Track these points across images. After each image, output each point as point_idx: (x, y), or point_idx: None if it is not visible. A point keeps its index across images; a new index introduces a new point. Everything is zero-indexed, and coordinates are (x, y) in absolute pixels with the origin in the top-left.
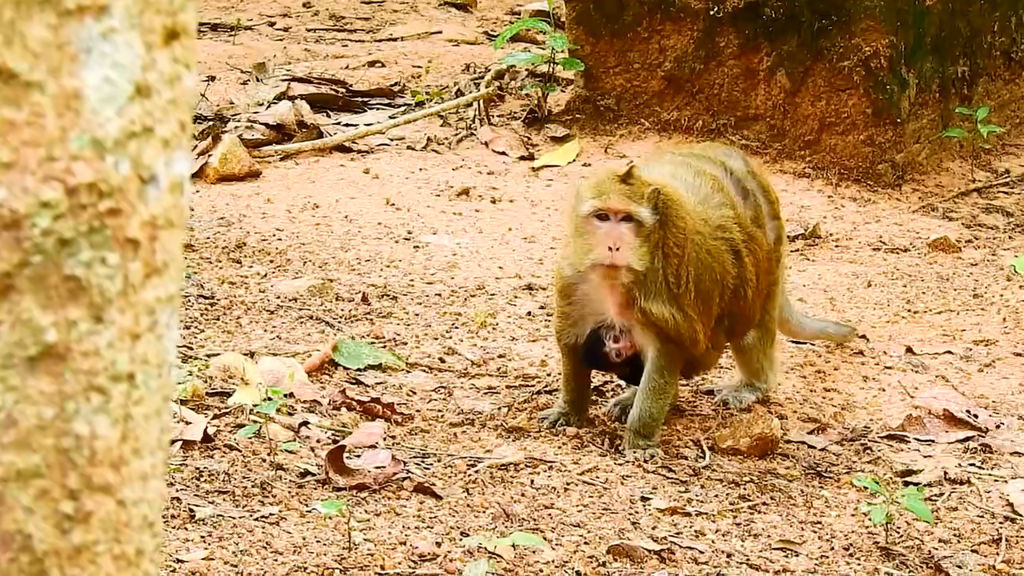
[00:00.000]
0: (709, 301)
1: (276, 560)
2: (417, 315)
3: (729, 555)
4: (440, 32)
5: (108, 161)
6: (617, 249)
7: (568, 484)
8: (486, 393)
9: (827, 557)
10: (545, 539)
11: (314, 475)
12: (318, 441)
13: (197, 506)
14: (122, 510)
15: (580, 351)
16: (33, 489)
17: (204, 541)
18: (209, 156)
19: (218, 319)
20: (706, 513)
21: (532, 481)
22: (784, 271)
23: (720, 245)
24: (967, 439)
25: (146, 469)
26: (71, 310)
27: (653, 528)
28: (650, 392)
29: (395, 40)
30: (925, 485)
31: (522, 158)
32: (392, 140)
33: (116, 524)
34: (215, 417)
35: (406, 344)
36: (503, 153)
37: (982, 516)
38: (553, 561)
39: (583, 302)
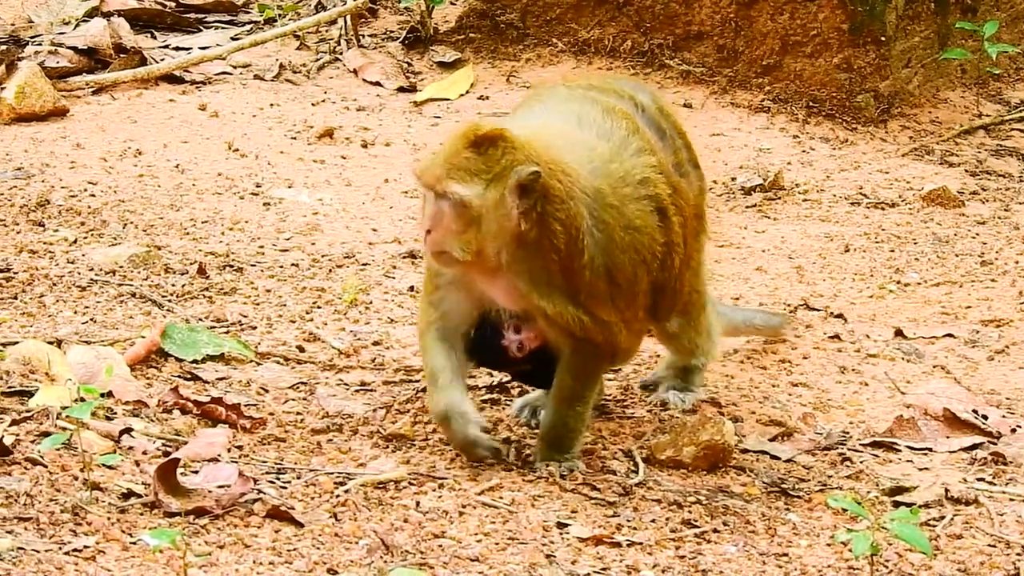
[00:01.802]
0: (634, 289)
1: None
2: (269, 291)
3: None
4: None
5: None
6: (428, 232)
7: (464, 507)
8: (358, 391)
9: None
10: None
11: (140, 496)
12: (144, 453)
13: None
14: None
15: (468, 345)
16: None
17: None
18: (2, 89)
19: (15, 298)
20: (640, 543)
21: (418, 503)
22: (706, 236)
23: (644, 207)
24: (974, 447)
25: None
26: None
27: (573, 563)
28: (566, 397)
29: None
30: (921, 506)
31: (401, 89)
32: (235, 68)
33: None
34: (13, 423)
35: (255, 329)
36: (377, 83)
37: (993, 546)
38: None
39: (462, 284)
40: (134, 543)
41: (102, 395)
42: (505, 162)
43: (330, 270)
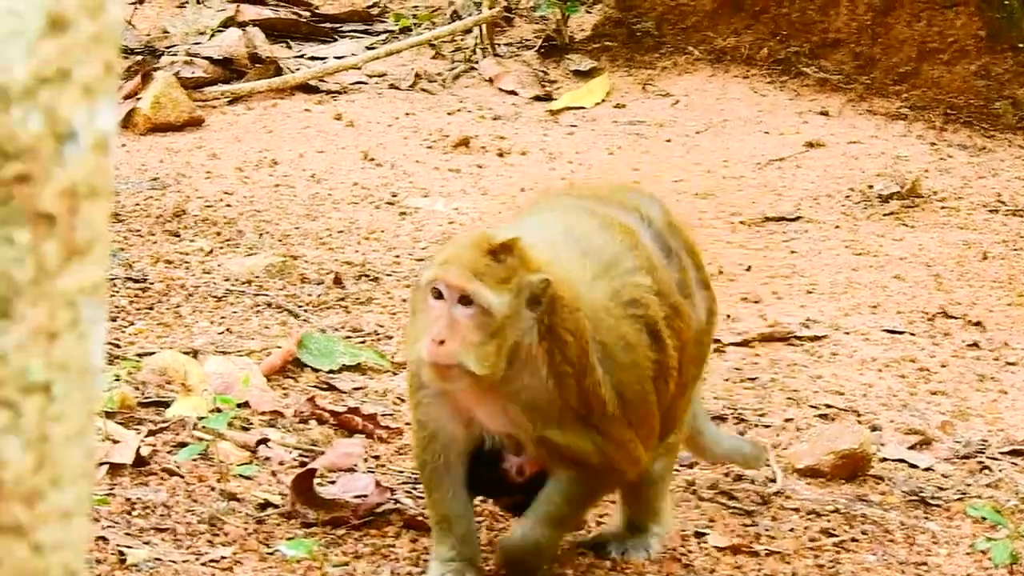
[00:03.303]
0: (646, 401)
1: None
2: (405, 301)
3: None
4: None
5: (14, 114)
6: (441, 342)
7: (600, 514)
8: None
9: None
10: None
11: (276, 507)
12: (281, 463)
13: (129, 547)
14: (37, 557)
15: (463, 472)
16: None
17: None
18: (138, 100)
19: (152, 308)
20: (778, 552)
21: None
22: (706, 364)
23: (635, 327)
24: None
25: (68, 504)
26: None
27: (711, 572)
28: (546, 517)
29: None
30: None
31: (537, 98)
32: (370, 77)
33: (30, 574)
34: (150, 434)
35: (391, 339)
36: (512, 92)
37: None
38: None
39: (450, 404)
40: (271, 554)
41: (238, 405)
42: (520, 272)
43: None
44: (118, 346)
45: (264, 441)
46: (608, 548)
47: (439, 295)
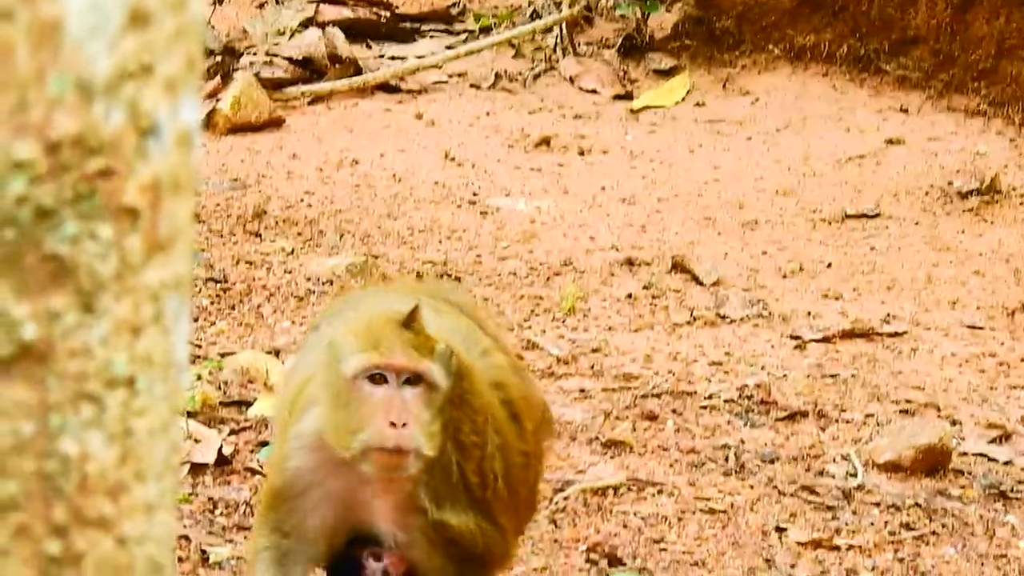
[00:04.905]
0: (518, 498)
1: None
2: (487, 300)
3: None
4: None
5: (97, 108)
6: (403, 425)
7: (683, 512)
8: (576, 398)
9: None
10: None
11: None
12: None
13: (211, 546)
14: (122, 550)
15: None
16: (10, 525)
17: None
18: (218, 100)
19: (233, 308)
20: (859, 546)
21: (637, 510)
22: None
23: (503, 412)
24: None
25: (151, 498)
26: (54, 298)
27: (792, 567)
28: None
29: None
30: None
31: (617, 97)
32: (451, 77)
33: (115, 568)
34: (232, 433)
35: None
36: (593, 91)
37: None
38: None
39: (334, 502)
40: None
41: None
42: (430, 339)
43: (548, 278)
44: (199, 346)
45: None
46: None
47: (380, 379)
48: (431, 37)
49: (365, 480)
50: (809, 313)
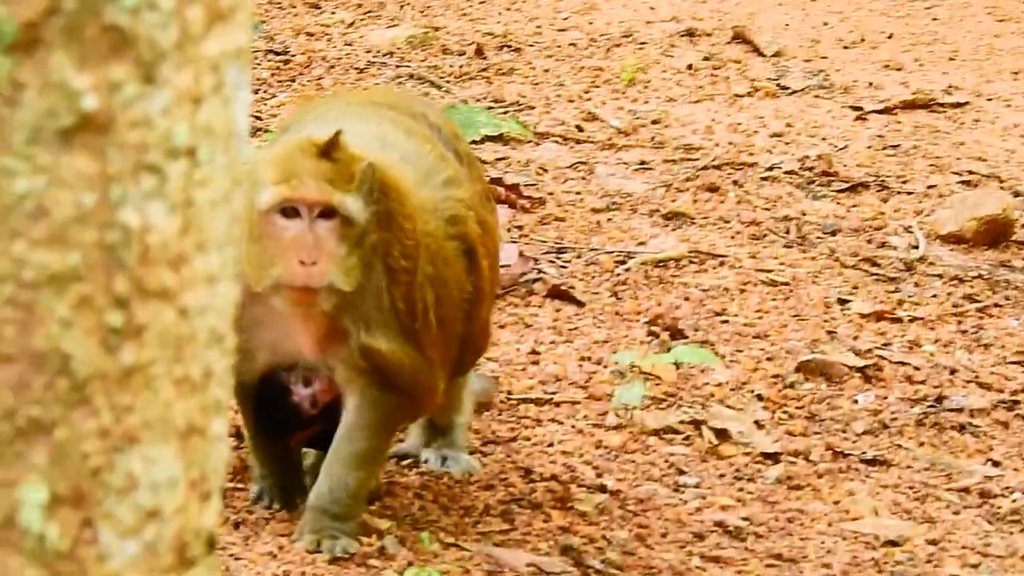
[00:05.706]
0: (450, 333)
1: None
2: (547, 71)
3: (953, 371)
4: None
5: None
6: (313, 263)
7: (744, 284)
8: (637, 169)
9: None
10: (717, 355)
11: None
12: None
13: None
14: (183, 321)
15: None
16: (71, 297)
17: None
18: None
19: (293, 80)
20: (922, 318)
21: (698, 282)
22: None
23: (454, 247)
24: None
25: (213, 269)
26: (114, 68)
27: (854, 338)
28: (352, 457)
29: None
30: None
31: None
32: None
33: (176, 339)
34: None
35: (533, 109)
36: None
37: None
38: (727, 383)
39: (260, 328)
40: None
41: None
42: (351, 164)
43: (608, 49)
44: (260, 119)
45: None
46: (416, 458)
47: (293, 213)
48: None
49: (286, 311)
50: (870, 84)
